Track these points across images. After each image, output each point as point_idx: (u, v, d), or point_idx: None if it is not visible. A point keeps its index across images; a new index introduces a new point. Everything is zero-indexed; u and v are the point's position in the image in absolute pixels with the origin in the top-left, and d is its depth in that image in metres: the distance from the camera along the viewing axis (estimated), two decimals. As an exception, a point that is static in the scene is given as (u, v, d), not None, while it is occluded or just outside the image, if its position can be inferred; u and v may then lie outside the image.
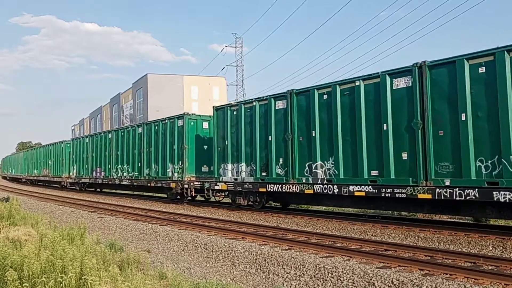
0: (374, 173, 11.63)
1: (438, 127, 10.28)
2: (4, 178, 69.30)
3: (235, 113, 16.44)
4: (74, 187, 33.19)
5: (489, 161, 9.42)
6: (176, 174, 19.88)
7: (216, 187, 17.30)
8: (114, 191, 30.24)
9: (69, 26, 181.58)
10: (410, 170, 10.79)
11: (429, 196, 10.26)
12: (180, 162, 19.72)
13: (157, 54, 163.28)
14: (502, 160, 9.17)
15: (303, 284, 7.29)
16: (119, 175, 25.32)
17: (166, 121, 21.02)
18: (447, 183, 9.97)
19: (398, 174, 11.06)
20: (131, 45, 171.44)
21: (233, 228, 12.07)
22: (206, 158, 19.44)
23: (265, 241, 10.02)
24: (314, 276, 7.40)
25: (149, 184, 21.99)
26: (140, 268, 6.80)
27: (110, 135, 27.12)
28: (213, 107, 17.83)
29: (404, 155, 10.93)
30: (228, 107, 16.77)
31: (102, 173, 27.62)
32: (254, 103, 15.54)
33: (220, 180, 17.04)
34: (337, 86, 12.59)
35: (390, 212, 14.63)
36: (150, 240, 11.47)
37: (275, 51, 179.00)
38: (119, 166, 25.36)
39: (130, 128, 24.83)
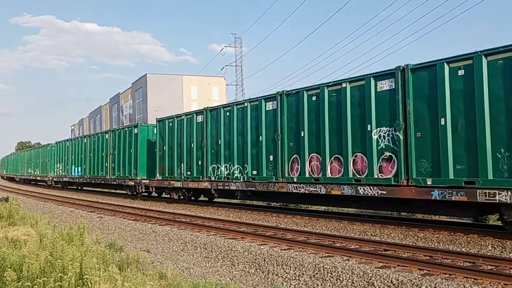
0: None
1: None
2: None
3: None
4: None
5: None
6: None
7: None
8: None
9: (69, 26, 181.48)
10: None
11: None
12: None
13: (156, 54, 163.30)
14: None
15: (302, 284, 7.30)
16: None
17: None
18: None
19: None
20: (131, 45, 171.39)
21: (232, 228, 12.08)
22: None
23: (265, 241, 10.03)
24: (314, 276, 7.40)
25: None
26: (139, 268, 6.79)
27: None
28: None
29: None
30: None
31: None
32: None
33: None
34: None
35: (390, 212, 14.64)
36: (149, 240, 11.47)
37: (274, 51, 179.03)
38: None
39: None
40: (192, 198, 20.12)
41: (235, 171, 15.82)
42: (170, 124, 19.87)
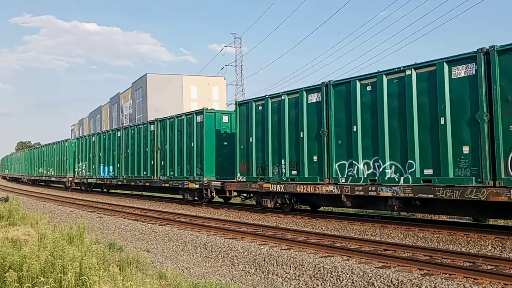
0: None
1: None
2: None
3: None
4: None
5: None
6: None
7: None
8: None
9: (68, 26, 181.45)
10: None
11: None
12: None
13: (156, 54, 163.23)
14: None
15: (302, 284, 7.30)
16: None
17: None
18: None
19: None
20: (131, 45, 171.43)
21: (232, 228, 12.08)
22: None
23: (265, 241, 10.03)
24: (314, 276, 7.41)
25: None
26: (139, 268, 6.79)
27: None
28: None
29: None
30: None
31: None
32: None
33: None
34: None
35: (390, 212, 14.63)
36: (149, 240, 11.47)
37: (274, 51, 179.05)
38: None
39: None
40: (301, 206, 16.07)
41: (386, 170, 11.30)
42: (260, 108, 15.23)
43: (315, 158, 13.30)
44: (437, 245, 9.49)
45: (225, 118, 18.58)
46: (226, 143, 18.17)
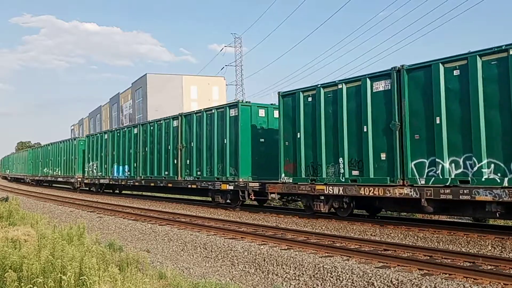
0: None
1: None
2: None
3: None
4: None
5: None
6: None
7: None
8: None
9: (68, 26, 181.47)
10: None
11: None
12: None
13: (156, 54, 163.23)
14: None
15: (302, 284, 7.30)
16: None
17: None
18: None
19: None
20: (131, 45, 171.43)
21: (232, 228, 12.08)
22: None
23: (264, 241, 10.03)
24: (313, 275, 7.40)
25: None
26: (139, 268, 6.79)
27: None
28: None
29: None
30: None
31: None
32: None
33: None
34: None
35: (390, 212, 14.62)
36: (149, 240, 11.47)
37: (274, 51, 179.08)
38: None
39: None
40: (363, 211, 14.28)
41: (483, 170, 9.58)
42: (309, 99, 13.47)
43: (383, 155, 11.50)
44: (437, 245, 9.49)
45: (262, 112, 16.90)
46: (262, 140, 16.62)
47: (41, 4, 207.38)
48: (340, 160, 12.49)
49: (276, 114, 16.37)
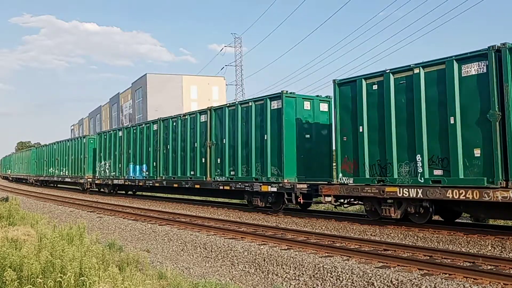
0: None
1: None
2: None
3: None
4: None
5: None
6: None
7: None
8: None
9: (68, 26, 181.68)
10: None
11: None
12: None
13: (156, 54, 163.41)
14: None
15: (302, 284, 7.29)
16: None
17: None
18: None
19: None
20: (131, 45, 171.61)
21: (232, 228, 12.07)
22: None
23: (264, 241, 10.02)
24: (313, 275, 7.40)
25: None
26: (139, 268, 6.80)
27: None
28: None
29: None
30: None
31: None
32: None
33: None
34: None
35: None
36: (149, 240, 11.47)
37: (274, 51, 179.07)
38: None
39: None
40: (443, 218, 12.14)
41: None
42: (374, 87, 11.67)
43: (476, 152, 9.72)
44: (437, 245, 9.48)
45: (307, 105, 15.15)
46: (308, 136, 15.03)
47: (41, 4, 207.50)
48: (418, 157, 10.64)
49: (322, 107, 15.39)
